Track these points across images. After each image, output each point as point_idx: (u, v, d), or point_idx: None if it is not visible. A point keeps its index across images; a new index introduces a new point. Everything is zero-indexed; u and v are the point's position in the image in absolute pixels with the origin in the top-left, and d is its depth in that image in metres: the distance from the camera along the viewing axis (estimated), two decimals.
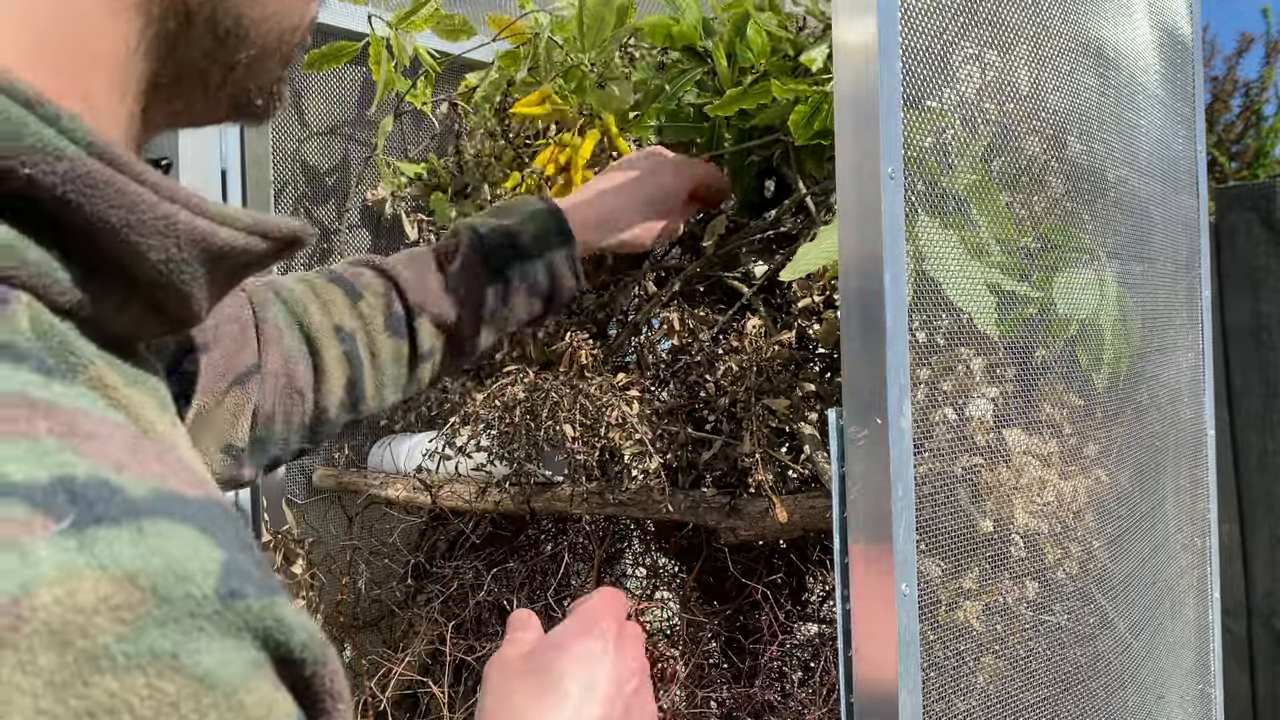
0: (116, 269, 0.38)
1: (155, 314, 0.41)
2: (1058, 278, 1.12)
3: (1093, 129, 1.23)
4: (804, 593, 1.53)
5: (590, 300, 1.67)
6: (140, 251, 0.37)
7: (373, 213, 1.99)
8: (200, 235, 0.39)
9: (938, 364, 0.98)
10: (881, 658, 0.88)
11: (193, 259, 0.39)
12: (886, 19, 0.88)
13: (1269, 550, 2.67)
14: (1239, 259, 2.68)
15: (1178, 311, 1.50)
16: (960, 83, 1.01)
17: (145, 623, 0.29)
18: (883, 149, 0.87)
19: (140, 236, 0.37)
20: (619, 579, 1.74)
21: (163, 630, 0.29)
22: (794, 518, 1.26)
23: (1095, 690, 1.16)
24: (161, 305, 0.41)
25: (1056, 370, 1.14)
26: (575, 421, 1.37)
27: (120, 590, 0.29)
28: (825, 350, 1.36)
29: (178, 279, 0.39)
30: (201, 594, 0.30)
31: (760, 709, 1.40)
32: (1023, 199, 1.10)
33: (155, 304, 0.40)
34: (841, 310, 0.90)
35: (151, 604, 0.29)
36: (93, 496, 0.30)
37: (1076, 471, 1.14)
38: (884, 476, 0.88)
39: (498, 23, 1.70)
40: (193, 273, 0.40)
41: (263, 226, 0.42)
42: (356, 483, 1.80)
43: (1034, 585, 1.06)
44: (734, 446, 1.33)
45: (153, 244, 0.37)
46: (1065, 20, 1.18)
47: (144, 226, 0.37)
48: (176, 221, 0.38)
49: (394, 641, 1.80)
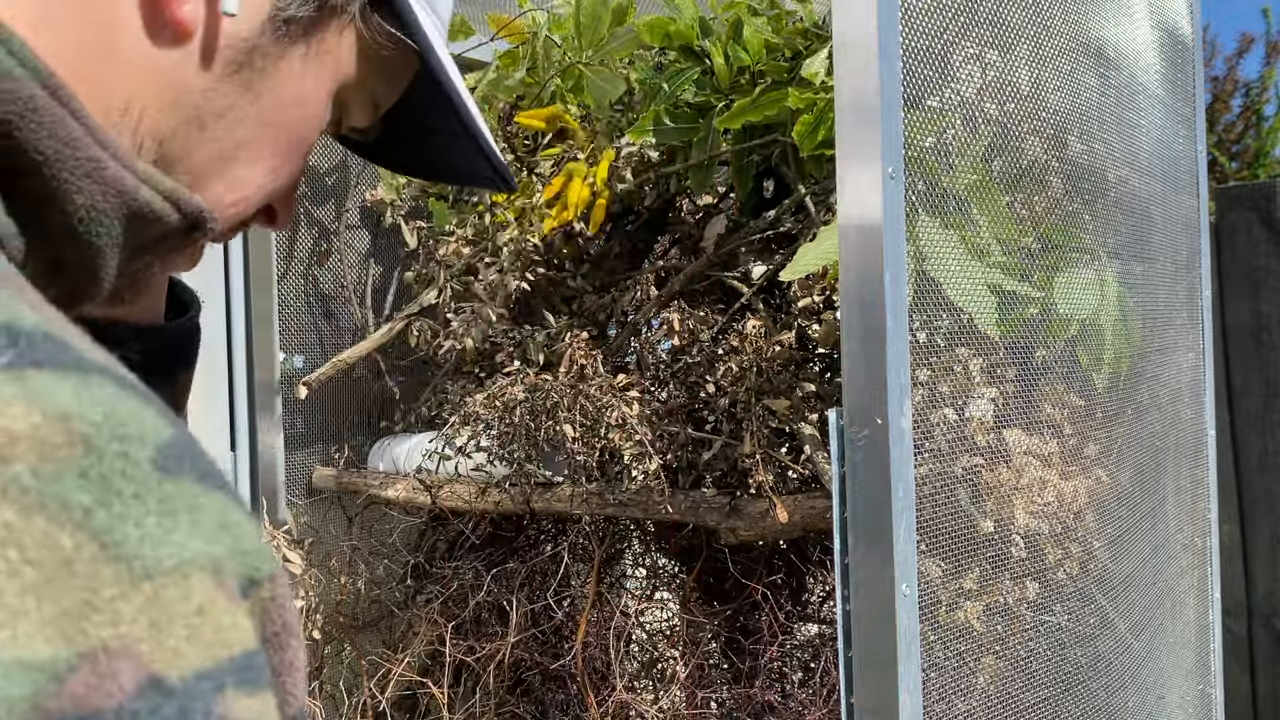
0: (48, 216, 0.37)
1: (53, 276, 0.40)
2: (1058, 278, 1.12)
3: (1093, 129, 1.23)
4: (804, 593, 1.53)
5: (590, 300, 1.67)
6: (68, 193, 0.37)
7: (372, 213, 1.99)
8: (125, 188, 0.39)
9: (938, 364, 0.98)
10: (881, 658, 0.88)
11: (112, 212, 0.39)
12: (887, 19, 0.88)
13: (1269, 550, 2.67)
14: (1239, 259, 2.68)
15: (1178, 311, 1.50)
16: (961, 82, 1.01)
17: (67, 468, 0.27)
18: (883, 149, 0.87)
19: (70, 175, 0.37)
20: (619, 579, 1.74)
21: (83, 482, 0.27)
22: (794, 518, 1.26)
23: (1096, 690, 1.16)
24: (62, 265, 0.40)
25: (1057, 370, 1.13)
26: (575, 422, 1.37)
27: (52, 429, 0.27)
28: (825, 350, 1.36)
29: (94, 232, 0.39)
30: (137, 460, 0.28)
31: (760, 709, 1.40)
32: (1023, 199, 1.09)
33: (56, 263, 0.39)
34: (841, 311, 0.89)
35: (80, 452, 0.27)
36: (38, 343, 0.28)
37: (1077, 472, 1.14)
38: (884, 476, 0.87)
39: (496, 22, 1.70)
40: (108, 230, 0.39)
41: (175, 194, 0.42)
42: (356, 483, 1.80)
43: (1034, 586, 1.06)
44: (734, 447, 1.33)
45: (81, 185, 0.37)
46: (1066, 20, 1.18)
47: (76, 165, 0.37)
48: (105, 166, 0.38)
49: (394, 642, 1.80)
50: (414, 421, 1.88)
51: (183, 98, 0.44)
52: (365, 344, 1.82)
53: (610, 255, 1.72)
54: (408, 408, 1.92)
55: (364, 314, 1.94)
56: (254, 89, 0.47)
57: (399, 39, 0.51)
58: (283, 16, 0.46)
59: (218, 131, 0.46)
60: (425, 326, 1.77)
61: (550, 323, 1.67)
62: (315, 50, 0.49)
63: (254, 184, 0.49)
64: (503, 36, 1.71)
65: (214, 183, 0.47)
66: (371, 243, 2.00)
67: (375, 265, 2.00)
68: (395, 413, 1.94)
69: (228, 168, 0.48)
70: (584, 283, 1.68)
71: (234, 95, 0.46)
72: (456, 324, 1.69)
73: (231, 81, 0.46)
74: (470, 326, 1.67)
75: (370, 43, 0.51)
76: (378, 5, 0.50)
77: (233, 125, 0.47)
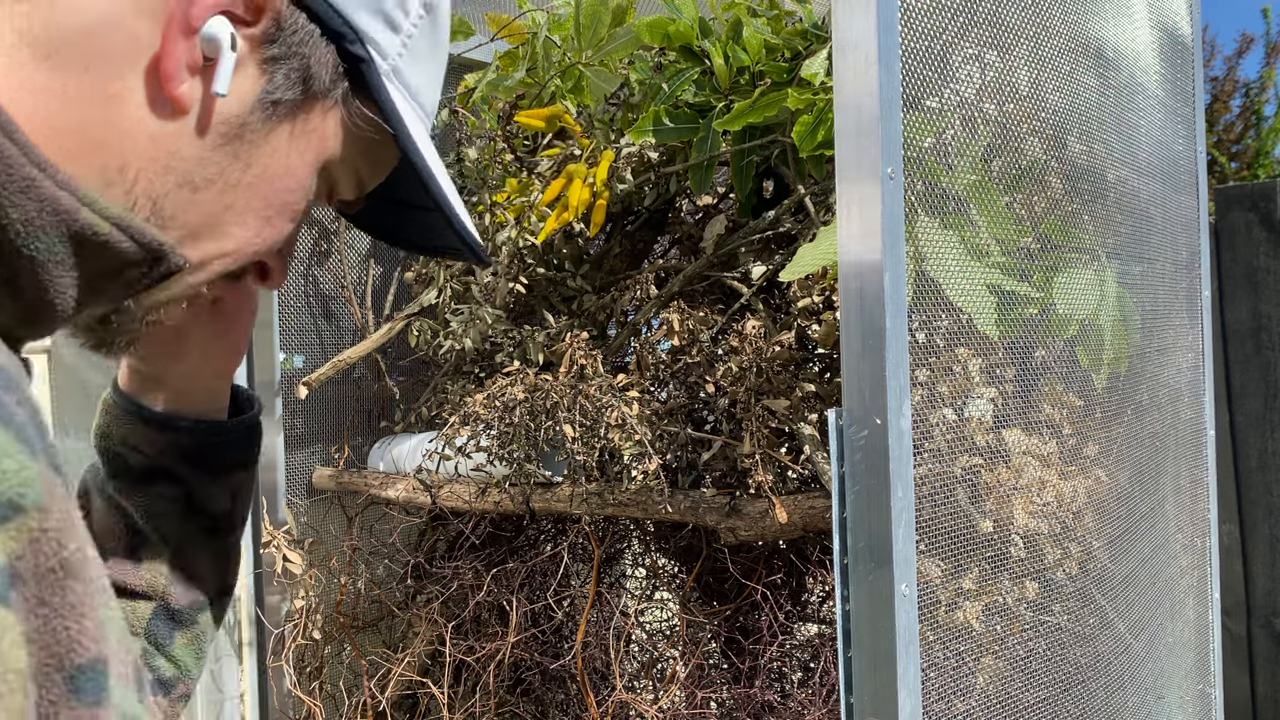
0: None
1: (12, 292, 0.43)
2: (1058, 278, 1.12)
3: (1093, 129, 1.23)
4: (804, 593, 1.53)
5: (590, 301, 1.67)
6: (2, 206, 0.40)
7: None
8: (62, 207, 0.42)
9: (938, 364, 0.98)
10: (881, 658, 0.88)
11: (51, 229, 0.42)
12: (886, 19, 0.88)
13: (1269, 550, 2.67)
14: (1239, 259, 2.68)
15: (1178, 312, 1.50)
16: (960, 83, 1.01)
17: None
18: (883, 149, 0.87)
19: (3, 190, 0.40)
20: (619, 579, 1.74)
21: None
22: (794, 518, 1.26)
23: (1095, 690, 1.16)
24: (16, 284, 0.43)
25: (1056, 370, 1.13)
26: (575, 422, 1.37)
27: None
28: (825, 350, 1.36)
29: (32, 246, 0.42)
30: None
31: (760, 709, 1.40)
32: (1023, 199, 1.09)
33: (10, 282, 0.43)
34: (841, 311, 0.90)
35: None
36: None
37: (1076, 472, 1.14)
38: (884, 477, 0.88)
39: (496, 22, 1.70)
40: (48, 245, 0.43)
41: (124, 221, 0.46)
42: (356, 483, 1.80)
43: (1034, 585, 1.06)
44: (734, 447, 1.33)
45: (14, 200, 0.40)
46: (1065, 20, 1.18)
47: (9, 182, 0.40)
48: (39, 186, 0.41)
49: (394, 642, 1.80)
50: (414, 421, 1.88)
51: (176, 164, 0.49)
52: (365, 344, 1.82)
53: (610, 255, 1.72)
54: (408, 408, 1.93)
55: (364, 314, 1.94)
56: (243, 159, 0.52)
57: (377, 123, 0.56)
58: (270, 99, 0.52)
59: (209, 195, 0.51)
60: (425, 326, 1.77)
61: (550, 323, 1.67)
62: (301, 129, 0.54)
63: (240, 240, 0.54)
64: (503, 36, 1.71)
65: (204, 241, 0.52)
66: (371, 243, 2.00)
67: (375, 265, 2.00)
68: (395, 413, 1.94)
69: (217, 227, 0.52)
70: (584, 283, 1.68)
71: (224, 164, 0.51)
72: (455, 324, 1.69)
73: (222, 152, 0.51)
74: (468, 327, 1.67)
75: (352, 125, 0.57)
76: (359, 93, 0.56)
77: (222, 191, 0.51)
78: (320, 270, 1.95)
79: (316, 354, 1.92)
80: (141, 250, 0.48)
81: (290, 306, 1.89)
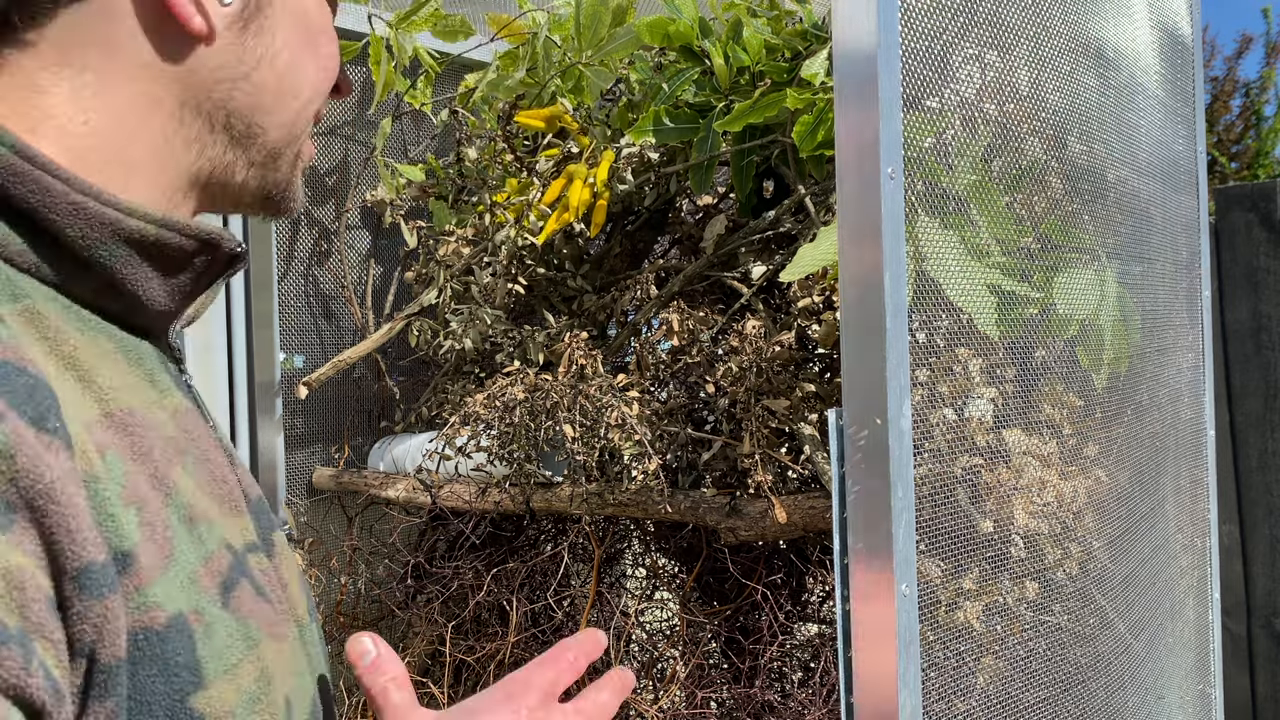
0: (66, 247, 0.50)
1: (115, 290, 0.52)
2: (1058, 278, 1.12)
3: (1093, 129, 1.23)
4: (804, 593, 1.53)
5: (590, 301, 1.67)
6: (60, 228, 0.49)
7: (372, 213, 1.99)
8: (109, 220, 0.50)
9: (938, 365, 0.98)
10: (881, 658, 0.88)
11: (107, 239, 0.51)
12: (886, 19, 0.88)
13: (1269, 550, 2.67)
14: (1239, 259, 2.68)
15: (1178, 312, 1.50)
16: (960, 83, 1.01)
17: None
18: (883, 149, 0.87)
19: (56, 216, 0.49)
20: (619, 579, 1.74)
21: None
22: (794, 518, 1.26)
23: (1095, 690, 1.16)
24: (114, 283, 0.52)
25: (1057, 370, 1.13)
26: (575, 422, 1.37)
27: None
28: (825, 350, 1.36)
29: (98, 254, 0.51)
30: None
31: (760, 709, 1.40)
32: (1023, 199, 1.09)
33: (109, 281, 0.52)
34: (841, 311, 0.90)
35: None
36: None
37: (1076, 472, 1.14)
38: (884, 477, 0.88)
39: (496, 22, 1.70)
40: (111, 251, 0.51)
41: (167, 221, 0.53)
42: (356, 483, 1.80)
43: (1034, 586, 1.06)
44: (734, 447, 1.33)
45: (67, 223, 0.49)
46: (1065, 20, 1.18)
47: (58, 209, 0.49)
48: (85, 207, 0.50)
49: (394, 642, 1.80)
50: (414, 421, 1.88)
51: (223, 73, 0.56)
52: (365, 344, 1.82)
53: (610, 255, 1.72)
54: (408, 408, 1.93)
55: (364, 314, 1.94)
56: (268, 30, 0.57)
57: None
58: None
59: (263, 73, 0.57)
60: (425, 326, 1.77)
61: (550, 323, 1.67)
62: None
63: (313, 79, 0.61)
64: (503, 37, 1.71)
65: (287, 99, 0.59)
66: (371, 243, 2.00)
67: (375, 265, 2.00)
68: (395, 413, 1.94)
69: (286, 86, 0.59)
70: (584, 283, 1.68)
71: (257, 44, 0.57)
72: (455, 324, 1.69)
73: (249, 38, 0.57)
74: (468, 327, 1.67)
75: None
76: None
77: (271, 61, 0.58)
78: (320, 270, 1.95)
79: (316, 354, 1.92)
80: (194, 241, 0.54)
81: (290, 306, 1.89)
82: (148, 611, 0.45)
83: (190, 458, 0.54)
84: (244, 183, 0.60)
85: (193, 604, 0.48)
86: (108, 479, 0.45)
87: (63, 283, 0.51)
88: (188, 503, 0.51)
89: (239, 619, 0.51)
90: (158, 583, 0.46)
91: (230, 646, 0.50)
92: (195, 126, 0.56)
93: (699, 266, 1.52)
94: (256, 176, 0.60)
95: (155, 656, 0.45)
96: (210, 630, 0.48)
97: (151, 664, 0.45)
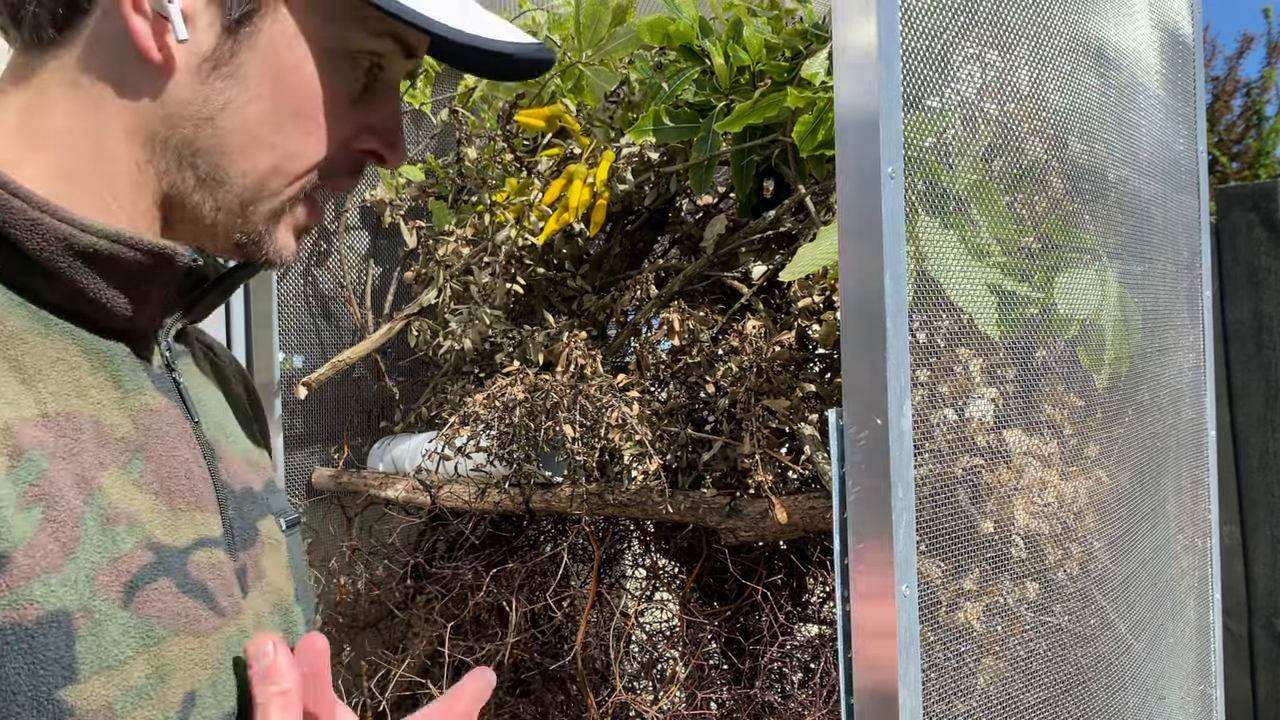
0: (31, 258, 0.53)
1: (84, 297, 0.55)
2: (1058, 278, 1.12)
3: (1093, 129, 1.23)
4: (804, 593, 1.53)
5: (590, 301, 1.66)
6: (20, 241, 0.53)
7: (372, 213, 1.99)
8: (63, 235, 0.54)
9: (938, 365, 0.98)
10: (881, 658, 0.88)
11: (63, 252, 0.54)
12: (887, 19, 0.88)
13: (1269, 551, 2.67)
14: (1240, 259, 2.67)
15: (1179, 312, 1.49)
16: (960, 82, 1.01)
17: None
18: (883, 149, 0.87)
19: (15, 231, 0.53)
20: (619, 580, 1.74)
21: None
22: (794, 518, 1.25)
23: (1096, 691, 1.16)
24: (79, 291, 0.55)
25: (1057, 370, 1.13)
26: (575, 422, 1.37)
27: None
28: (825, 350, 1.36)
29: (57, 265, 0.54)
30: None
31: (760, 710, 1.40)
32: (1023, 199, 1.09)
33: (76, 289, 0.55)
34: (841, 311, 0.89)
35: None
36: None
37: (1077, 472, 1.14)
38: (884, 477, 0.87)
39: None
40: (70, 263, 0.54)
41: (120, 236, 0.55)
42: (356, 483, 1.79)
43: (1034, 586, 1.06)
44: (734, 447, 1.33)
45: (25, 237, 0.53)
46: (1066, 20, 1.18)
47: (18, 225, 0.53)
48: (41, 223, 0.53)
49: (393, 642, 1.80)
50: (414, 421, 1.88)
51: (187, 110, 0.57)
52: (365, 344, 1.82)
53: (610, 255, 1.71)
54: (407, 408, 1.92)
55: (363, 314, 1.94)
56: (239, 78, 0.57)
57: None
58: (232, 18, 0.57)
59: (229, 120, 0.58)
60: (425, 327, 1.77)
61: (550, 323, 1.67)
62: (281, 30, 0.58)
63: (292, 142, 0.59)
64: None
65: (255, 152, 0.59)
66: (371, 243, 2.00)
67: (375, 265, 2.00)
68: (395, 413, 1.94)
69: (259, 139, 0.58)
70: (584, 283, 1.68)
71: (226, 89, 0.57)
72: (455, 324, 1.69)
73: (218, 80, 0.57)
74: (468, 327, 1.67)
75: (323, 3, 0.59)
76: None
77: (239, 110, 0.58)
78: (320, 270, 1.94)
79: (316, 354, 1.92)
80: (148, 255, 0.56)
81: (290, 306, 1.89)
82: (18, 609, 0.48)
83: (140, 457, 0.56)
84: (213, 224, 0.60)
85: (81, 601, 0.50)
86: (6, 481, 0.49)
87: (36, 289, 0.55)
88: (111, 503, 0.53)
89: (141, 617, 0.52)
90: (39, 580, 0.49)
91: (121, 643, 0.51)
92: (165, 159, 0.58)
93: (699, 266, 1.52)
94: (226, 221, 0.60)
95: (22, 650, 0.48)
96: (99, 627, 0.50)
97: (17, 657, 0.48)
